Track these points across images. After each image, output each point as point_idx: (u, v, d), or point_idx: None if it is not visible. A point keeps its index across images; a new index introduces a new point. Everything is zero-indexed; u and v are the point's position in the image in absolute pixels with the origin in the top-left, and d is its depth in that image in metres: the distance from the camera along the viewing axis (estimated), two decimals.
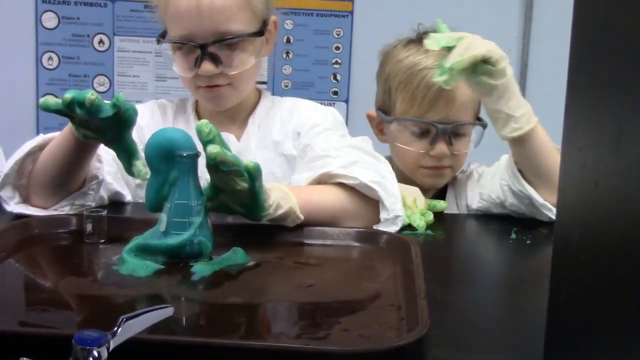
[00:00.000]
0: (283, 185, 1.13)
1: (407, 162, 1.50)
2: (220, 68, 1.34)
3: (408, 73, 1.45)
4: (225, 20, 1.32)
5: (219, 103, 1.40)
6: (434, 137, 1.44)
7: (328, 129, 1.40)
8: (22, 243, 1.06)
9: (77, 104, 1.02)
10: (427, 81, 1.41)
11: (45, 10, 2.81)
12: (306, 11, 2.82)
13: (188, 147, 1.01)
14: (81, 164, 1.19)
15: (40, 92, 2.86)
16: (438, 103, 1.43)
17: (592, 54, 0.61)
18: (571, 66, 0.63)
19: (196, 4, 1.30)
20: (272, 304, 0.91)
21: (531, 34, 2.84)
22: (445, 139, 1.44)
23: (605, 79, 0.59)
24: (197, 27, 1.32)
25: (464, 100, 1.45)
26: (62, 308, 0.87)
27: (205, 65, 1.33)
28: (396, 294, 0.90)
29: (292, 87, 2.86)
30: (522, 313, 0.90)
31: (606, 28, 0.59)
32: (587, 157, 0.60)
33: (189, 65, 1.35)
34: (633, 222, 0.53)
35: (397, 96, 1.47)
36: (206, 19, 1.31)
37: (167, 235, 1.00)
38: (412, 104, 1.44)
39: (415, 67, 1.45)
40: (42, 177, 1.19)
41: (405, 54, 1.49)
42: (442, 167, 1.48)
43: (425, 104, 1.43)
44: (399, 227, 1.17)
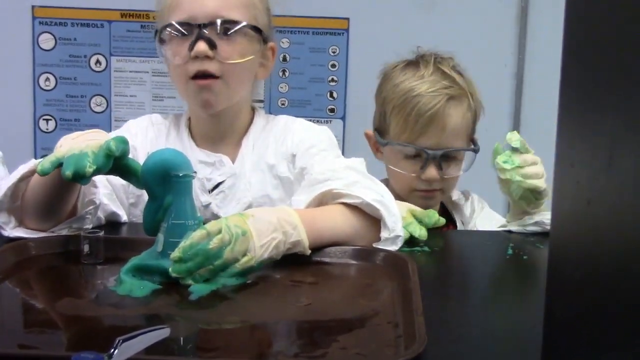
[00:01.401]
0: (295, 215, 1.09)
1: (400, 185, 1.54)
2: (213, 52, 1.33)
3: (403, 98, 1.48)
4: (227, 6, 1.34)
5: (208, 100, 1.36)
6: (424, 161, 1.48)
7: (324, 150, 1.40)
8: (19, 264, 1.06)
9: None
10: (420, 108, 1.46)
11: (42, 32, 2.83)
12: (302, 29, 2.83)
13: (184, 168, 1.02)
14: (70, 189, 1.19)
15: (37, 113, 2.86)
16: (430, 129, 1.47)
17: (584, 72, 0.61)
18: (563, 84, 0.64)
19: None
20: (269, 323, 0.91)
21: (526, 49, 2.86)
22: (436, 164, 1.48)
23: (597, 96, 0.59)
24: (198, 9, 1.33)
25: (454, 127, 1.49)
26: (59, 329, 0.87)
27: (200, 45, 1.32)
28: (393, 311, 0.90)
29: (289, 105, 2.87)
30: (518, 329, 0.90)
31: (597, 46, 0.60)
32: (580, 174, 0.60)
33: (182, 52, 1.34)
34: (626, 239, 0.53)
35: (392, 120, 1.51)
36: (208, 1, 1.33)
37: (164, 256, 1.00)
38: (405, 128, 1.49)
39: (410, 93, 1.48)
40: (33, 202, 1.19)
41: (401, 78, 1.52)
42: (433, 190, 1.52)
43: (417, 129, 1.47)
44: (398, 246, 1.17)
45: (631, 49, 0.54)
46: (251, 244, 1.01)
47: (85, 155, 1.02)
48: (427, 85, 1.47)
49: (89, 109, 2.87)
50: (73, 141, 1.10)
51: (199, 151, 1.43)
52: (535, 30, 2.84)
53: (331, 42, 2.86)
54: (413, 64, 1.56)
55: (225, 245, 0.99)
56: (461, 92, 1.50)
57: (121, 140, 1.04)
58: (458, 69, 1.56)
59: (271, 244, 1.03)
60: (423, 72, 1.51)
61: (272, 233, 1.04)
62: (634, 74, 0.54)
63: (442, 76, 1.50)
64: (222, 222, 1.01)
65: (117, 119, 2.85)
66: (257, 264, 1.02)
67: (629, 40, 0.55)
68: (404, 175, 1.50)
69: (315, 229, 1.11)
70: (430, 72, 1.51)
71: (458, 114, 1.48)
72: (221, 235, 0.99)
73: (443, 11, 2.84)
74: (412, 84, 1.49)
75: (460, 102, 1.50)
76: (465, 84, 1.52)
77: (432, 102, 1.46)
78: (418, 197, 1.52)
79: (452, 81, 1.50)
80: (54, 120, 2.88)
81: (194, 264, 0.97)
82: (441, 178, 1.50)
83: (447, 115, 1.45)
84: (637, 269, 0.53)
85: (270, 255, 1.04)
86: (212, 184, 1.41)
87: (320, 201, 1.20)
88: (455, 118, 1.48)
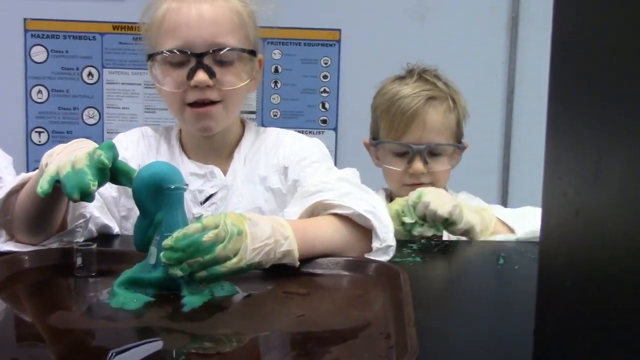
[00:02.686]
0: (287, 226, 1.09)
1: (392, 181, 1.70)
2: (213, 81, 1.33)
3: (388, 103, 1.67)
4: (224, 33, 1.33)
5: (208, 125, 1.37)
6: (411, 157, 1.64)
7: (316, 162, 1.40)
8: (11, 277, 1.06)
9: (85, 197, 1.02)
10: (402, 108, 1.64)
11: (34, 44, 2.83)
12: (294, 41, 2.85)
13: (175, 180, 1.02)
14: (59, 203, 1.19)
15: (30, 126, 2.87)
16: (412, 127, 1.64)
17: (571, 85, 0.62)
18: (551, 97, 0.64)
19: (197, 14, 1.32)
20: (262, 334, 0.91)
21: (517, 59, 2.87)
22: (422, 158, 1.63)
23: (584, 109, 0.60)
24: (195, 36, 1.32)
25: (434, 124, 1.65)
26: (52, 343, 0.87)
27: (200, 75, 1.31)
28: (385, 322, 0.90)
29: (281, 117, 2.88)
30: (510, 339, 0.90)
31: (585, 59, 0.61)
32: (568, 186, 0.61)
33: (180, 80, 1.34)
34: (614, 249, 0.54)
35: (381, 122, 1.69)
36: (205, 28, 1.32)
37: (157, 268, 1.00)
38: (391, 128, 1.66)
39: (395, 96, 1.66)
40: (22, 217, 1.19)
41: (389, 87, 1.71)
42: (421, 184, 1.64)
43: (401, 128, 1.64)
44: (390, 256, 1.17)
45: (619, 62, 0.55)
46: (244, 245, 1.01)
47: (83, 172, 1.01)
48: (409, 89, 1.66)
49: (81, 121, 2.87)
50: (60, 156, 1.09)
51: (190, 163, 1.43)
52: (525, 39, 2.86)
53: (323, 53, 2.87)
54: (400, 77, 1.74)
55: (219, 242, 0.99)
56: (440, 94, 1.67)
57: (109, 148, 1.04)
58: (442, 78, 1.72)
59: (263, 250, 1.03)
60: (407, 81, 1.69)
61: (266, 239, 1.04)
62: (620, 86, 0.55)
63: (424, 82, 1.68)
64: (221, 217, 1.01)
65: (110, 131, 2.85)
66: (247, 266, 1.02)
67: (617, 53, 0.55)
68: (395, 171, 1.66)
69: (307, 240, 1.11)
70: (414, 79, 1.69)
71: (438, 112, 1.65)
72: (217, 230, 0.99)
73: (434, 21, 2.86)
74: (396, 89, 1.68)
75: (440, 102, 1.66)
76: (447, 89, 1.69)
77: (412, 102, 1.63)
78: (408, 191, 1.57)
79: (432, 85, 1.68)
80: (47, 133, 2.88)
81: (185, 253, 0.97)
82: (428, 171, 1.64)
83: (427, 112, 1.63)
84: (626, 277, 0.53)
85: (260, 261, 1.03)
86: (204, 196, 1.41)
87: (312, 212, 1.21)
88: (435, 116, 1.64)
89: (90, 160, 1.02)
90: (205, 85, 1.33)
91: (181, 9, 1.33)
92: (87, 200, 1.03)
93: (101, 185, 1.04)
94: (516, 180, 2.90)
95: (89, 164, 1.02)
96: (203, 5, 1.33)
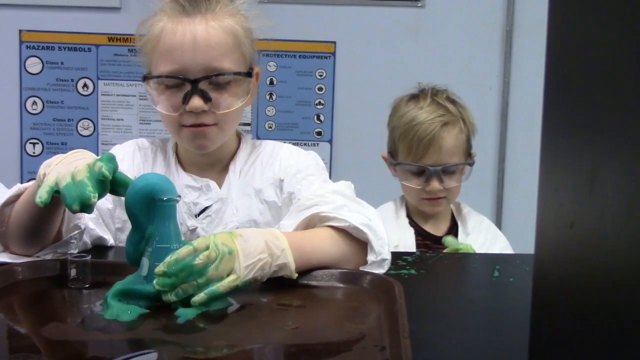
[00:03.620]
0: (283, 239, 1.09)
1: (410, 195, 1.86)
2: (209, 105, 1.32)
3: (406, 127, 1.81)
4: (219, 56, 1.32)
5: (203, 144, 1.37)
6: (428, 176, 1.79)
7: (311, 175, 1.40)
8: (5, 289, 1.06)
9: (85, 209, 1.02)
10: (419, 135, 1.78)
11: (30, 56, 2.83)
12: (289, 53, 2.85)
13: (168, 192, 1.02)
14: (54, 214, 1.18)
15: (24, 137, 2.87)
16: (429, 151, 1.78)
17: (566, 98, 0.62)
18: (546, 109, 0.65)
19: (192, 38, 1.30)
20: (257, 346, 0.91)
21: (511, 73, 2.89)
22: (437, 177, 1.79)
23: (579, 121, 0.60)
24: (189, 61, 1.31)
25: (449, 147, 1.80)
26: (46, 354, 0.86)
27: (195, 101, 1.31)
28: (380, 334, 0.90)
29: (276, 128, 2.88)
30: (505, 352, 0.90)
31: (579, 72, 0.61)
32: (563, 198, 0.61)
33: (176, 103, 1.33)
34: (608, 262, 0.54)
35: (399, 145, 1.83)
36: (200, 53, 1.31)
37: (149, 280, 1.00)
38: (410, 152, 1.80)
39: (412, 122, 1.80)
40: (17, 228, 1.19)
41: (405, 110, 1.84)
42: (437, 198, 1.82)
43: (419, 152, 1.79)
44: (385, 270, 1.17)
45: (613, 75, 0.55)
46: (237, 263, 1.01)
47: (84, 184, 1.01)
48: (424, 115, 1.80)
49: (76, 133, 2.87)
50: (58, 166, 1.09)
51: (185, 175, 1.43)
52: (520, 53, 2.88)
53: (318, 65, 2.88)
54: (415, 97, 1.87)
55: (211, 263, 0.99)
56: (453, 118, 1.81)
57: (109, 159, 1.04)
58: (452, 97, 1.87)
59: (257, 265, 1.03)
60: (422, 104, 1.82)
61: (259, 254, 1.04)
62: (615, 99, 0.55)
63: (437, 106, 1.81)
64: (210, 239, 1.01)
65: (105, 143, 2.85)
66: (242, 284, 1.02)
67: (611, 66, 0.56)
68: (412, 188, 1.82)
69: (303, 252, 1.11)
70: (428, 103, 1.82)
71: (451, 136, 1.79)
72: (208, 252, 0.99)
73: (429, 35, 2.87)
74: (413, 114, 1.82)
75: (453, 126, 1.81)
76: (457, 110, 1.83)
77: (429, 128, 1.78)
78: (426, 204, 1.83)
79: (445, 110, 1.81)
80: (41, 144, 2.87)
81: (178, 279, 0.98)
82: (443, 188, 1.80)
83: (442, 138, 1.78)
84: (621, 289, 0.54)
85: (255, 276, 1.03)
86: (199, 209, 1.41)
87: (307, 225, 1.21)
88: (449, 140, 1.79)
89: (91, 172, 1.02)
90: (200, 110, 1.32)
91: (176, 32, 1.32)
92: (86, 211, 1.03)
93: (101, 197, 1.03)
94: (511, 193, 2.90)
95: (90, 176, 1.02)
96: (198, 27, 1.31)
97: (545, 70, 0.66)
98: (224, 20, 1.34)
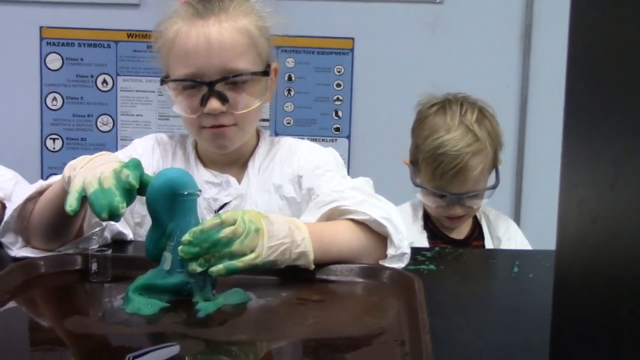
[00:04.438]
0: (304, 228, 1.11)
1: (431, 212, 1.79)
2: (226, 106, 1.33)
3: (431, 153, 1.70)
4: (233, 58, 1.32)
5: (223, 144, 1.38)
6: (449, 201, 1.71)
7: (330, 171, 1.40)
8: (27, 283, 1.07)
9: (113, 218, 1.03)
10: (445, 166, 1.68)
11: (50, 52, 2.85)
12: (307, 49, 2.85)
13: (189, 186, 1.03)
14: (79, 213, 1.19)
15: (44, 133, 2.89)
16: (454, 182, 1.69)
17: (587, 95, 0.62)
18: (567, 105, 0.64)
19: (205, 41, 1.30)
20: (276, 341, 0.91)
21: (530, 69, 2.87)
22: (459, 203, 1.71)
23: (601, 116, 0.60)
24: (205, 64, 1.31)
25: (475, 176, 1.70)
26: (68, 347, 0.87)
27: (212, 103, 1.31)
28: (400, 330, 0.90)
29: (294, 124, 2.89)
30: (525, 348, 0.90)
31: (602, 68, 0.61)
32: (584, 194, 0.61)
33: (194, 105, 1.34)
34: (631, 257, 0.54)
35: (422, 168, 1.74)
36: (215, 55, 1.31)
37: (172, 274, 1.00)
38: (433, 178, 1.71)
39: (438, 149, 1.69)
40: (39, 224, 1.20)
41: (431, 127, 1.73)
42: (457, 217, 1.76)
43: (443, 182, 1.70)
44: (404, 264, 1.18)
45: (636, 70, 0.55)
46: (261, 242, 1.03)
47: (112, 193, 1.01)
48: (451, 143, 1.68)
49: (95, 129, 2.89)
50: (84, 170, 1.09)
51: (205, 171, 1.43)
52: (539, 49, 2.86)
53: (336, 61, 2.88)
54: (441, 108, 1.75)
55: (237, 237, 1.01)
56: (481, 146, 1.70)
57: (135, 167, 1.05)
58: (482, 110, 1.75)
59: (279, 249, 1.05)
60: (449, 124, 1.70)
61: (282, 238, 1.06)
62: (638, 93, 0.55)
63: (466, 131, 1.70)
64: (239, 214, 1.03)
65: (124, 138, 2.87)
66: (262, 263, 1.03)
67: (634, 62, 0.55)
68: (433, 207, 1.75)
69: (323, 244, 1.12)
70: (456, 124, 1.70)
71: (478, 166, 1.69)
72: (234, 227, 1.01)
73: (447, 31, 2.86)
74: (439, 140, 1.69)
75: (481, 153, 1.70)
76: (486, 133, 1.72)
77: (455, 160, 1.67)
78: (446, 221, 1.77)
79: (473, 137, 1.69)
80: (61, 140, 2.89)
81: (202, 249, 0.99)
82: (464, 210, 1.73)
83: (469, 169, 1.68)
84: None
85: (275, 259, 1.05)
86: (219, 204, 1.41)
87: (327, 219, 1.21)
88: (476, 171, 1.69)
89: (118, 180, 1.03)
90: (219, 112, 1.33)
91: (190, 35, 1.31)
92: (114, 220, 1.04)
93: (128, 205, 1.04)
94: (530, 190, 2.89)
95: (117, 184, 1.02)
96: (211, 29, 1.31)
97: (567, 66, 0.66)
98: (238, 21, 1.34)
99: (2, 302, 0.99)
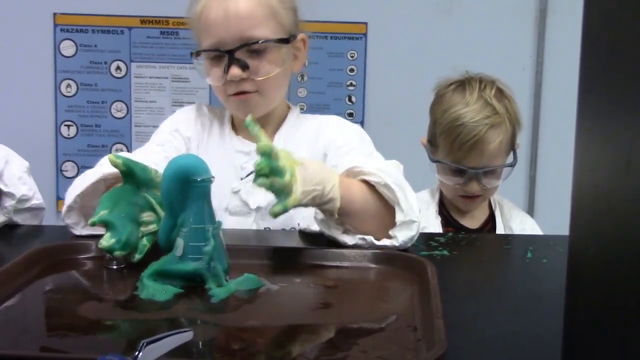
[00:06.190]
0: (336, 178, 1.18)
1: (447, 191, 1.79)
2: (247, 73, 1.39)
3: (449, 126, 1.70)
4: (251, 26, 1.39)
5: (247, 111, 1.37)
6: (467, 178, 1.71)
7: (354, 149, 1.43)
8: (44, 269, 1.08)
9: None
10: (463, 137, 1.68)
11: (64, 39, 2.86)
12: (320, 34, 2.84)
13: (203, 172, 1.03)
14: None
15: (59, 119, 2.90)
16: (471, 154, 1.69)
17: (602, 76, 0.62)
18: (581, 89, 0.64)
19: (223, 11, 1.38)
20: (289, 326, 0.91)
21: (545, 53, 2.85)
22: (477, 179, 1.71)
23: (615, 100, 0.60)
24: (224, 33, 1.39)
25: (493, 150, 1.69)
26: (83, 333, 0.88)
27: (233, 70, 1.38)
28: (413, 315, 0.90)
29: (308, 110, 2.88)
30: (539, 333, 0.90)
31: (616, 50, 0.60)
32: (599, 178, 0.60)
33: (219, 74, 1.41)
34: None
35: (440, 142, 1.74)
36: (232, 25, 1.38)
37: (184, 260, 1.01)
38: (451, 151, 1.71)
39: (455, 121, 1.69)
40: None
41: (450, 102, 1.73)
42: (474, 197, 1.75)
43: (460, 154, 1.70)
44: (414, 232, 1.18)
45: None
46: (294, 187, 1.09)
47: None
48: (470, 114, 1.68)
49: (109, 115, 2.90)
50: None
51: (237, 139, 1.49)
52: (553, 33, 2.84)
53: (349, 46, 2.87)
54: (460, 86, 1.75)
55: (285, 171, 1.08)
56: (500, 119, 1.70)
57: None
58: (501, 89, 1.75)
59: (310, 194, 1.12)
60: (468, 99, 1.71)
61: (315, 185, 1.12)
62: None
63: (484, 105, 1.70)
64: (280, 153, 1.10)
65: (137, 125, 2.88)
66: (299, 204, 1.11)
67: None
68: (450, 185, 1.74)
69: (349, 196, 1.18)
70: (475, 99, 1.70)
71: (496, 139, 1.68)
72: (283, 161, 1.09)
73: (461, 15, 2.84)
74: (458, 112, 1.70)
75: (499, 127, 1.69)
76: (505, 108, 1.71)
77: (473, 132, 1.67)
78: (462, 202, 1.77)
79: (492, 110, 1.70)
80: (75, 126, 2.91)
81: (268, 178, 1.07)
82: (481, 189, 1.72)
83: (487, 141, 1.67)
84: None
85: (306, 203, 1.13)
86: (246, 172, 1.44)
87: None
88: (494, 144, 1.68)
89: None
90: (239, 79, 1.39)
91: (212, 7, 1.40)
92: None
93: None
94: (543, 174, 2.88)
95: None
96: (230, 2, 1.39)
97: (581, 49, 0.65)
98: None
99: (18, 288, 1.00)
